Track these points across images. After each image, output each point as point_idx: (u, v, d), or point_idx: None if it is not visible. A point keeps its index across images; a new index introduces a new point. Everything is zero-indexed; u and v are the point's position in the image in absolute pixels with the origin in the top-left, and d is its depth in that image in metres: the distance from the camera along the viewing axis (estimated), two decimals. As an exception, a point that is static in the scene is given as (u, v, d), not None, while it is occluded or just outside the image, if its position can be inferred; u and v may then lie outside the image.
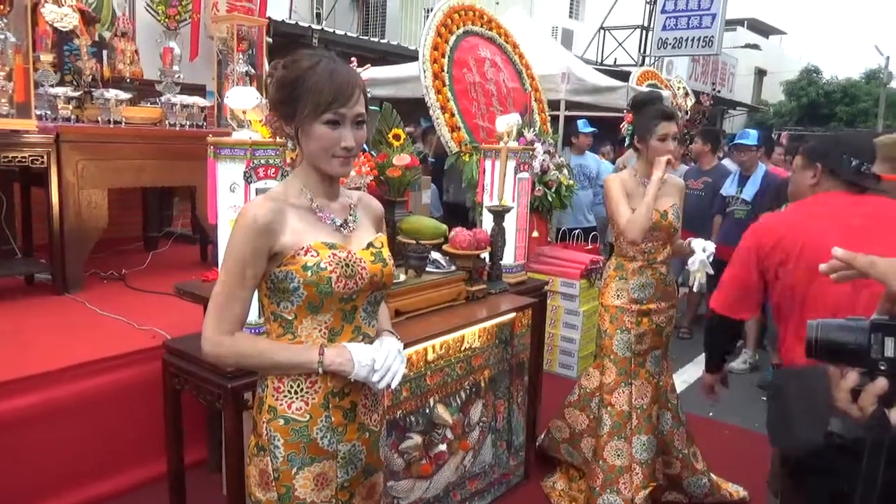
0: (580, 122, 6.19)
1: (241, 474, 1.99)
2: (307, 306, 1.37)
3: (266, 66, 4.66)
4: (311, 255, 1.35)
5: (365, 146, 2.74)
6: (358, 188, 2.53)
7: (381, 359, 1.39)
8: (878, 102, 22.01)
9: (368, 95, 1.43)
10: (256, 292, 1.42)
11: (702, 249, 2.67)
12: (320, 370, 1.36)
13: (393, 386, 1.42)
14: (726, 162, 5.74)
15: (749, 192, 4.81)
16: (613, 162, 6.77)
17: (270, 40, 5.14)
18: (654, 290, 2.72)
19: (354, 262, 1.39)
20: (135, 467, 2.68)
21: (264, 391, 1.43)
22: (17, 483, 2.38)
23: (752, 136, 4.96)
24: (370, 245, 1.46)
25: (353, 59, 1.99)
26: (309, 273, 1.34)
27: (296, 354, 1.37)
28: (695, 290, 2.82)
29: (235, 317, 1.37)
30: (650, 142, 2.62)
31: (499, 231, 2.97)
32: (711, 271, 2.65)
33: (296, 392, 1.39)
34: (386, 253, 1.48)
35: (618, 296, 2.75)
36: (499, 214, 2.97)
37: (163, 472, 2.36)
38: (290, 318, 1.39)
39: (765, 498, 2.97)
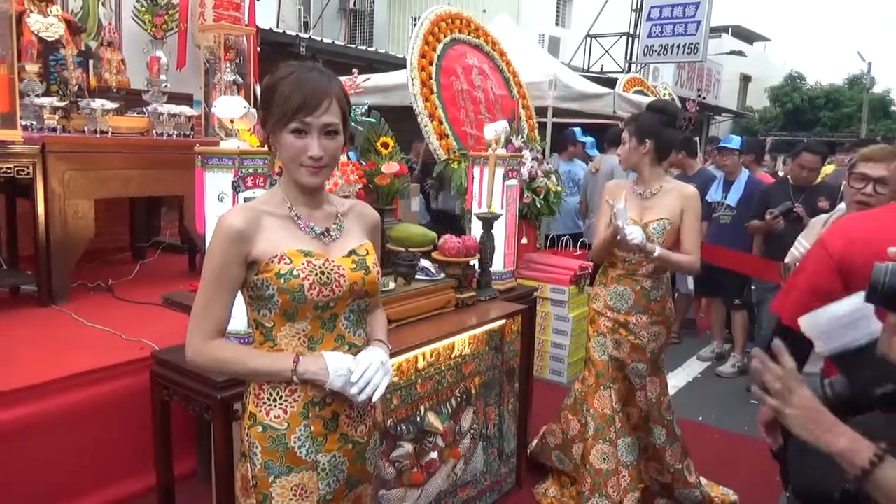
0: (578, 130, 6.23)
1: (231, 485, 1.97)
2: (283, 314, 1.37)
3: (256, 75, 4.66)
4: (285, 263, 1.35)
5: (353, 154, 2.75)
6: (346, 196, 2.53)
7: (359, 370, 1.36)
8: (861, 107, 22.31)
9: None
10: (242, 300, 1.41)
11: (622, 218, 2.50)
12: (295, 379, 1.35)
13: (374, 399, 1.38)
14: (710, 167, 5.81)
15: (733, 197, 4.87)
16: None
17: (258, 49, 5.14)
18: (633, 302, 2.71)
19: (331, 270, 1.37)
20: (124, 479, 2.65)
21: (247, 397, 1.44)
22: (2, 497, 2.35)
23: (735, 141, 5.05)
24: (352, 252, 1.44)
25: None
26: (282, 280, 1.33)
27: (271, 362, 1.37)
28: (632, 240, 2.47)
29: (215, 323, 1.38)
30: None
31: (488, 238, 2.98)
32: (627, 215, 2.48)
33: (275, 400, 1.39)
34: (370, 261, 1.46)
35: (596, 299, 2.83)
36: (488, 221, 2.98)
37: (152, 484, 2.34)
38: (269, 325, 1.39)
39: (753, 502, 3.00)
